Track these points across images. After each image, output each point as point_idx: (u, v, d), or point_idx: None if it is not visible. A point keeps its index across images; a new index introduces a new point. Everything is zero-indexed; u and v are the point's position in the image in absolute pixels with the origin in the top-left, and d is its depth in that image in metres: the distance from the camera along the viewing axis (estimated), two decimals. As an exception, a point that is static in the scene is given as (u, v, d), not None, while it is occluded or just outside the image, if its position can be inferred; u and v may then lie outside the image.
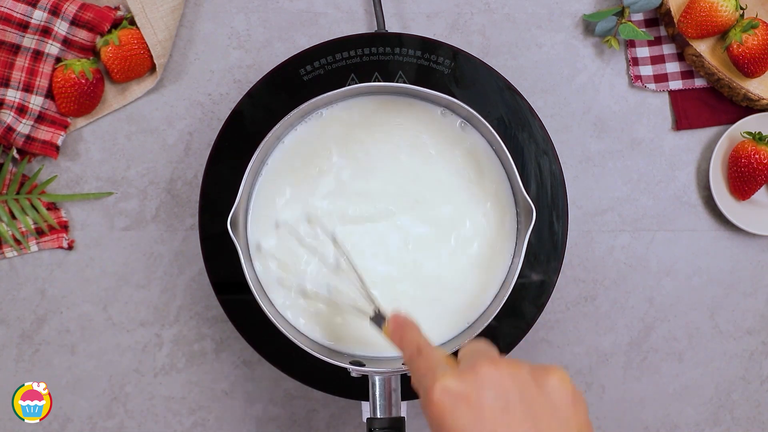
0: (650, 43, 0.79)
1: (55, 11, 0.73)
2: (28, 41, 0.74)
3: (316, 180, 0.69)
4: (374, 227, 0.69)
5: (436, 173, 0.69)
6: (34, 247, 0.77)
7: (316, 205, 0.68)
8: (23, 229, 0.76)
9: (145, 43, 0.75)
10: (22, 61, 0.74)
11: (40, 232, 0.76)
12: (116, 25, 0.75)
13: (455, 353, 0.54)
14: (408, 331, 0.55)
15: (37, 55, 0.74)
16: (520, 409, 0.46)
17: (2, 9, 0.73)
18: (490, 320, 0.65)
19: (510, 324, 0.70)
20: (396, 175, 0.69)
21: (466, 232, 0.69)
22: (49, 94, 0.75)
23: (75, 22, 0.73)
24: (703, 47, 0.77)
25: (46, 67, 0.74)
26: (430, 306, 0.69)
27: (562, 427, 0.46)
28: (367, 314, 0.61)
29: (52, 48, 0.74)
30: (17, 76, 0.74)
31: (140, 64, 0.75)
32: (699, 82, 0.79)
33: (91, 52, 0.76)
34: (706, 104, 0.79)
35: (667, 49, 0.79)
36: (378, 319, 0.61)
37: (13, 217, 0.76)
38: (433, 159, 0.69)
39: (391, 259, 0.69)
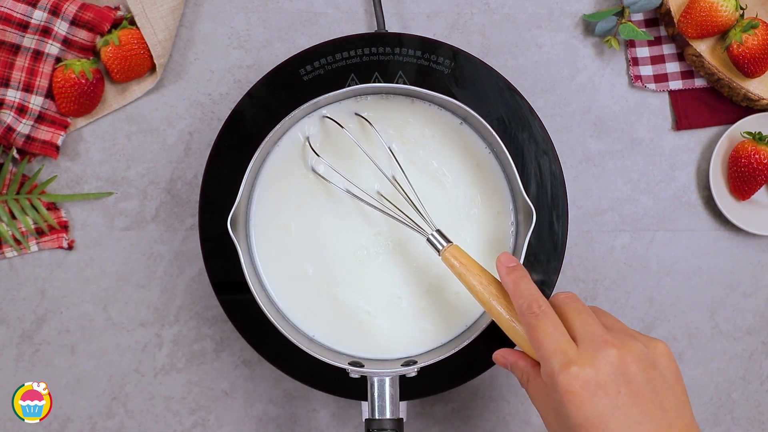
0: (650, 43, 0.79)
1: (55, 11, 0.73)
2: (28, 41, 0.74)
3: (316, 175, 0.69)
4: (373, 227, 0.69)
5: (435, 172, 0.69)
6: (34, 247, 0.77)
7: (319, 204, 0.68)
8: (23, 229, 0.76)
9: (145, 43, 0.75)
10: (22, 61, 0.74)
11: (40, 232, 0.76)
12: (116, 25, 0.75)
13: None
14: (523, 278, 0.57)
15: (37, 55, 0.74)
16: (647, 391, 0.49)
17: (2, 9, 0.73)
18: (489, 321, 0.65)
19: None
20: (389, 165, 0.69)
21: (465, 232, 0.69)
22: (49, 94, 0.75)
23: (75, 22, 0.73)
24: (703, 47, 0.77)
25: (46, 67, 0.74)
26: (428, 306, 0.69)
27: (678, 401, 0.50)
28: (424, 232, 0.63)
29: (52, 48, 0.74)
30: (17, 76, 0.74)
31: (140, 64, 0.75)
32: (699, 82, 0.79)
33: (91, 52, 0.76)
34: (706, 104, 0.79)
35: (667, 49, 0.79)
36: (438, 240, 0.63)
37: (13, 217, 0.76)
38: (431, 158, 0.69)
39: (389, 259, 0.69)
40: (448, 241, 0.63)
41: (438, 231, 0.63)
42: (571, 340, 0.52)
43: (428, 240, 0.63)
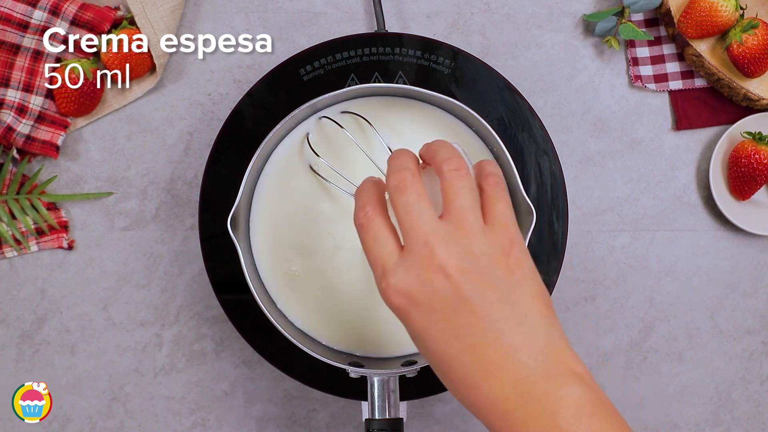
0: (650, 43, 0.79)
1: (55, 11, 0.73)
2: (28, 41, 0.74)
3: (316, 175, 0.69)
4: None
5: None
6: (34, 247, 0.77)
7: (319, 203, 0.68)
8: (23, 229, 0.76)
9: (145, 43, 0.75)
10: (22, 61, 0.74)
11: (40, 232, 0.76)
12: (116, 25, 0.75)
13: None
14: (365, 186, 0.51)
15: (37, 55, 0.74)
16: (469, 304, 0.44)
17: (2, 9, 0.73)
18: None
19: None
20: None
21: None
22: (49, 94, 0.75)
23: (75, 22, 0.73)
24: (703, 47, 0.77)
25: (46, 67, 0.74)
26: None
27: (515, 309, 0.45)
28: None
29: (53, 48, 0.74)
30: (17, 76, 0.74)
31: (140, 64, 0.75)
32: (699, 82, 0.79)
33: (91, 52, 0.76)
34: (706, 104, 0.79)
35: (667, 49, 0.79)
36: None
37: (13, 217, 0.76)
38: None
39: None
40: None
41: None
42: (395, 247, 0.47)
43: None
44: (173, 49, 0.77)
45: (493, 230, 0.47)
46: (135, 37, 0.74)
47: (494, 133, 0.66)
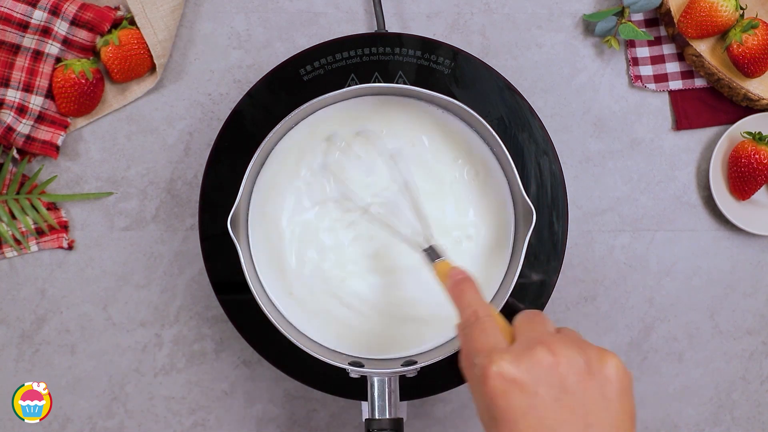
0: (650, 43, 0.79)
1: (55, 11, 0.73)
2: (28, 41, 0.74)
3: (316, 177, 0.69)
4: (372, 227, 0.69)
5: (436, 173, 0.69)
6: (34, 247, 0.77)
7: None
8: (23, 229, 0.76)
9: (145, 43, 0.75)
10: (22, 61, 0.74)
11: (40, 232, 0.76)
12: (116, 25, 0.75)
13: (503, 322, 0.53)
14: (467, 291, 0.54)
15: (37, 55, 0.74)
16: (572, 401, 0.46)
17: (2, 9, 0.73)
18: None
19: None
20: (395, 174, 0.69)
21: (464, 232, 0.69)
22: (49, 94, 0.75)
23: (75, 22, 0.73)
24: (703, 47, 0.77)
25: (46, 67, 0.74)
26: (428, 305, 0.69)
27: (612, 420, 0.46)
28: (420, 246, 0.61)
29: (52, 48, 0.74)
30: (17, 76, 0.74)
31: (140, 64, 0.75)
32: (699, 82, 0.79)
33: (91, 52, 0.76)
34: (706, 104, 0.79)
35: (667, 49, 0.79)
36: (432, 253, 0.61)
37: (13, 217, 0.76)
38: (431, 158, 0.69)
39: (389, 256, 0.69)
40: (438, 256, 0.61)
41: (430, 247, 0.62)
42: (504, 340, 0.49)
43: (424, 251, 0.62)
44: (173, 49, 0.77)
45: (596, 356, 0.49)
46: (135, 37, 0.74)
47: (494, 133, 0.66)
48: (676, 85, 0.79)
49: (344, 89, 0.66)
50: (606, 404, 0.47)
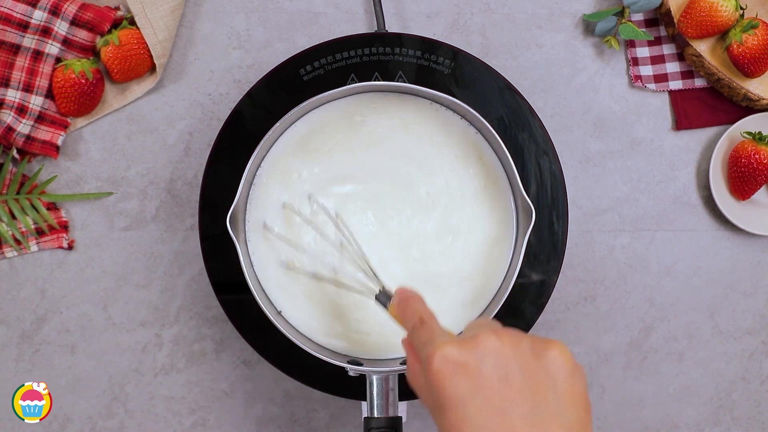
0: (650, 43, 0.79)
1: (55, 11, 0.73)
2: (28, 41, 0.74)
3: (316, 176, 0.69)
4: (371, 226, 0.69)
5: (436, 172, 0.69)
6: (34, 247, 0.77)
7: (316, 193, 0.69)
8: (23, 229, 0.76)
9: (145, 43, 0.75)
10: (22, 61, 0.74)
11: (40, 232, 0.76)
12: (116, 25, 0.75)
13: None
14: (411, 303, 0.54)
15: (37, 55, 0.74)
16: (519, 380, 0.45)
17: (2, 9, 0.73)
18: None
19: (510, 324, 0.69)
20: (395, 173, 0.69)
21: (464, 231, 0.69)
22: (49, 94, 0.75)
23: (75, 22, 0.74)
24: (703, 47, 0.77)
25: (46, 67, 0.74)
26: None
27: (559, 401, 0.46)
28: (372, 292, 0.60)
29: (52, 48, 0.74)
30: (17, 76, 0.74)
31: (140, 64, 0.75)
32: (699, 82, 0.79)
33: (91, 52, 0.76)
34: (706, 104, 0.79)
35: (667, 49, 0.79)
36: (383, 297, 0.60)
37: (13, 217, 0.76)
38: (431, 157, 0.69)
39: (388, 258, 0.69)
40: (389, 298, 0.60)
41: (381, 290, 0.60)
42: (448, 332, 0.50)
43: (376, 297, 0.60)
44: (173, 49, 0.77)
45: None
46: (135, 37, 0.74)
47: (495, 133, 0.66)
48: (676, 85, 0.79)
49: (344, 87, 0.66)
50: (553, 384, 0.46)
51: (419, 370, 0.49)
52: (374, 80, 0.71)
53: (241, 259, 0.63)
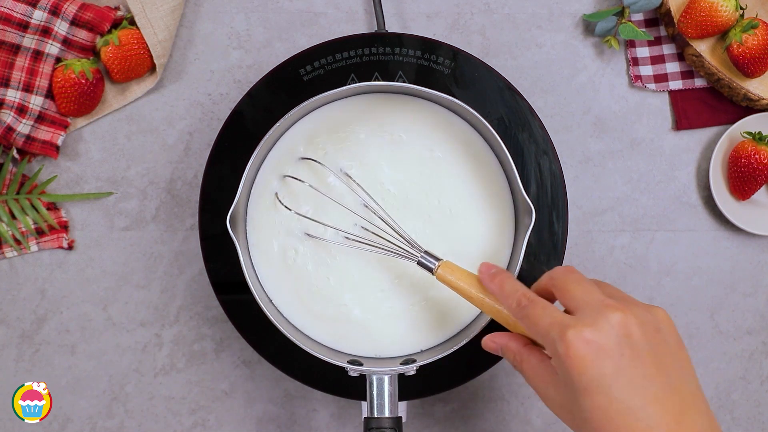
0: (650, 43, 0.79)
1: (55, 11, 0.73)
2: (28, 41, 0.74)
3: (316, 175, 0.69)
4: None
5: (435, 172, 0.69)
6: (34, 247, 0.77)
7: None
8: (23, 229, 0.76)
9: (145, 43, 0.75)
10: (22, 61, 0.74)
11: (40, 232, 0.76)
12: (116, 25, 0.75)
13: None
14: (507, 280, 0.56)
15: (37, 55, 0.74)
16: (648, 354, 0.47)
17: (2, 9, 0.73)
18: (488, 319, 0.64)
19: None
20: (394, 173, 0.69)
21: (464, 231, 0.69)
22: (49, 94, 0.75)
23: (75, 22, 0.74)
24: (703, 47, 0.77)
25: (46, 67, 0.74)
26: (427, 304, 0.69)
27: (683, 368, 0.49)
28: (412, 257, 0.62)
29: (52, 48, 0.74)
30: (17, 76, 0.74)
31: (140, 64, 0.75)
32: (699, 82, 0.79)
33: (91, 52, 0.76)
34: (706, 104, 0.79)
35: (667, 49, 0.79)
36: (428, 260, 0.61)
37: (13, 217, 0.76)
38: (432, 157, 0.69)
39: (386, 257, 0.69)
40: (437, 259, 0.62)
41: (426, 252, 0.62)
42: (564, 313, 0.51)
43: (419, 263, 0.62)
44: (173, 49, 0.77)
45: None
46: (135, 37, 0.74)
47: (495, 133, 0.66)
48: (676, 85, 0.79)
49: (344, 87, 0.66)
50: (672, 352, 0.48)
51: (540, 359, 0.51)
52: (374, 80, 0.71)
53: (241, 259, 0.63)
